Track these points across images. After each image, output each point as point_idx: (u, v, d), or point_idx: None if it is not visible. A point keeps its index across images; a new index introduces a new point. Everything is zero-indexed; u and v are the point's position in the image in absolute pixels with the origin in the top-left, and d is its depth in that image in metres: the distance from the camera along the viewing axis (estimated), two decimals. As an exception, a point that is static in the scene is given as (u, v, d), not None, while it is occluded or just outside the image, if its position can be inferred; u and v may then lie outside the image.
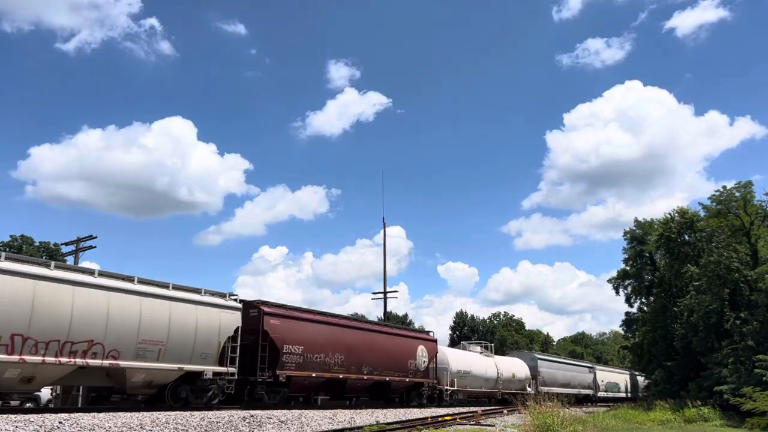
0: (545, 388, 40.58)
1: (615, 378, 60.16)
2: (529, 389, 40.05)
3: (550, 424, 16.28)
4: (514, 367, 40.23)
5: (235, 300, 19.77)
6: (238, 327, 19.15)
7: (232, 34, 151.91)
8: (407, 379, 27.90)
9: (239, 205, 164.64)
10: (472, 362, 35.12)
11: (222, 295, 19.28)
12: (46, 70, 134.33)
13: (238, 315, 19.44)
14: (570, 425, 16.73)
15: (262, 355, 20.18)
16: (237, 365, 18.94)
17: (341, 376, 23.67)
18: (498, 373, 37.28)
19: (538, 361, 43.98)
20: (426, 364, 29.40)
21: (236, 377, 18.93)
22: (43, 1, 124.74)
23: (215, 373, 18.42)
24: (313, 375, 22.30)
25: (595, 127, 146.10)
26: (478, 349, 39.20)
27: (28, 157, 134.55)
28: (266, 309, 21.09)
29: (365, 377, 25.00)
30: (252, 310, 20.82)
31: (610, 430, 20.98)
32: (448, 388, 31.35)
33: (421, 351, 29.18)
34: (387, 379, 26.32)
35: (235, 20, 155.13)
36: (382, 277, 45.12)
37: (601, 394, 53.91)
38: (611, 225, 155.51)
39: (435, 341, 31.35)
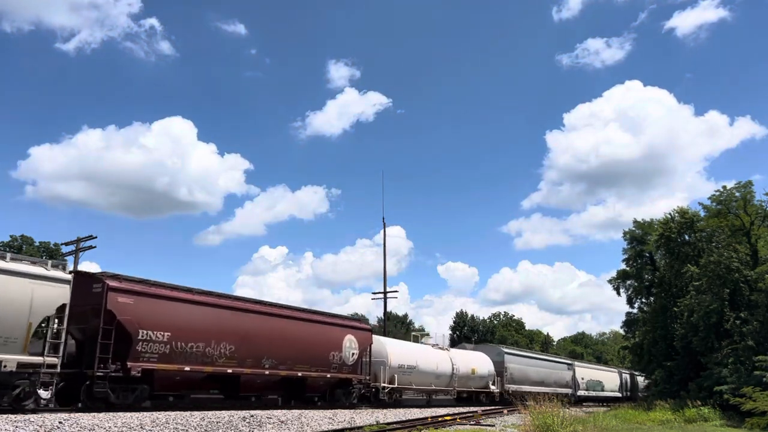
0: (513, 386, 37.90)
1: (598, 376, 55.69)
2: (492, 387, 36.50)
3: (550, 424, 16.28)
4: (474, 361, 35.54)
5: (63, 270, 15.54)
6: (64, 305, 15.04)
7: (232, 34, 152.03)
8: (329, 375, 23.56)
9: (239, 205, 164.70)
10: (419, 355, 30.41)
11: (43, 263, 15.28)
12: (46, 70, 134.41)
13: (66, 289, 15.16)
14: (570, 425, 16.73)
15: (104, 343, 15.94)
16: (62, 354, 15.08)
17: (230, 371, 19.35)
18: (453, 369, 32.57)
19: (505, 355, 39.13)
20: (356, 357, 25.17)
21: (60, 370, 14.94)
22: (43, 1, 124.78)
23: (23, 365, 14.02)
24: (187, 369, 17.96)
25: (595, 127, 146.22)
26: (431, 341, 35.51)
27: (28, 157, 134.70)
28: (113, 283, 16.66)
29: (267, 372, 20.66)
30: (95, 285, 16.69)
31: (610, 430, 20.97)
32: (385, 385, 26.94)
33: (349, 342, 24.81)
34: (300, 374, 22.01)
35: (235, 20, 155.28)
36: (382, 277, 45.14)
37: (581, 393, 49.46)
38: (611, 225, 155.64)
39: (369, 330, 27.18)
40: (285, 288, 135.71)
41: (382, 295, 44.99)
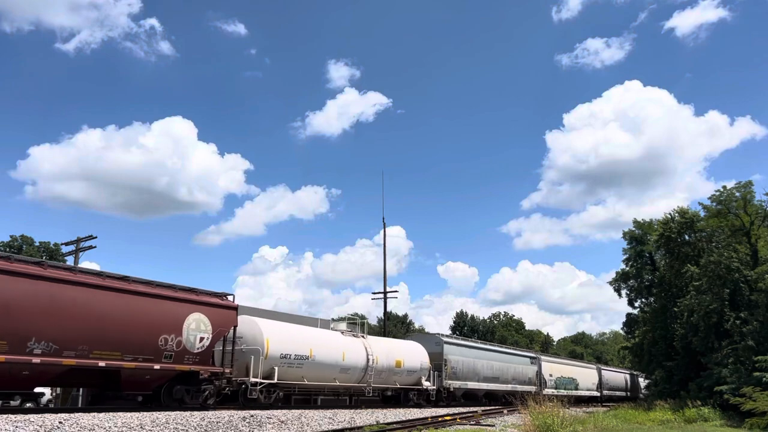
0: (456, 383, 32.70)
1: (571, 372, 49.61)
2: (426, 383, 30.20)
3: (550, 424, 16.31)
4: (400, 352, 29.04)
5: None
6: None
7: (232, 34, 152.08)
8: (158, 367, 17.19)
9: (239, 205, 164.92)
10: (316, 343, 23.78)
11: None
12: (46, 70, 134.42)
13: None
14: (570, 425, 16.76)
15: None
16: None
17: None
18: (369, 360, 26.09)
19: (445, 345, 32.93)
20: (206, 342, 18.70)
21: None
22: (43, 1, 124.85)
23: None
24: None
25: (595, 127, 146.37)
26: (343, 326, 28.88)
27: (27, 157, 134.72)
28: None
29: (38, 360, 14.51)
30: None
31: (610, 430, 20.99)
32: (259, 380, 20.62)
33: (196, 322, 18.42)
34: (102, 364, 15.74)
35: (235, 20, 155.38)
36: (382, 277, 45.15)
37: (548, 391, 41.75)
38: (611, 225, 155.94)
39: (233, 309, 20.17)
40: (285, 288, 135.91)
41: (382, 295, 45.05)
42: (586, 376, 52.60)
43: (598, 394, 53.90)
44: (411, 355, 29.82)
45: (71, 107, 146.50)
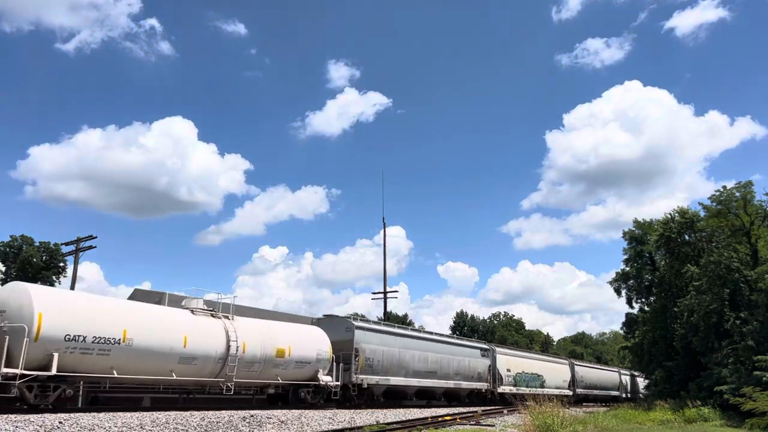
0: (373, 378, 26.71)
1: (536, 368, 43.64)
2: (326, 378, 23.90)
3: (550, 424, 16.31)
4: (285, 338, 22.43)
5: None
6: None
7: (232, 34, 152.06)
8: None
9: (239, 205, 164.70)
10: (134, 321, 17.25)
11: None
12: (46, 70, 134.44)
13: None
14: (570, 425, 16.77)
15: None
16: None
17: None
18: (230, 348, 19.69)
19: (357, 331, 26.46)
20: None
21: None
22: (43, 1, 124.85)
23: None
24: None
25: (595, 127, 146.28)
26: (198, 303, 20.81)
27: (27, 157, 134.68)
28: None
29: None
30: None
31: (610, 430, 20.99)
32: (20, 372, 14.26)
33: None
34: None
35: (235, 20, 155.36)
36: (382, 277, 45.17)
37: (504, 389, 37.63)
38: (611, 225, 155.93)
39: None
40: (285, 288, 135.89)
41: (382, 295, 45.10)
42: (555, 372, 46.79)
43: (570, 393, 47.85)
44: (304, 342, 23.28)
45: (71, 107, 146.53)
